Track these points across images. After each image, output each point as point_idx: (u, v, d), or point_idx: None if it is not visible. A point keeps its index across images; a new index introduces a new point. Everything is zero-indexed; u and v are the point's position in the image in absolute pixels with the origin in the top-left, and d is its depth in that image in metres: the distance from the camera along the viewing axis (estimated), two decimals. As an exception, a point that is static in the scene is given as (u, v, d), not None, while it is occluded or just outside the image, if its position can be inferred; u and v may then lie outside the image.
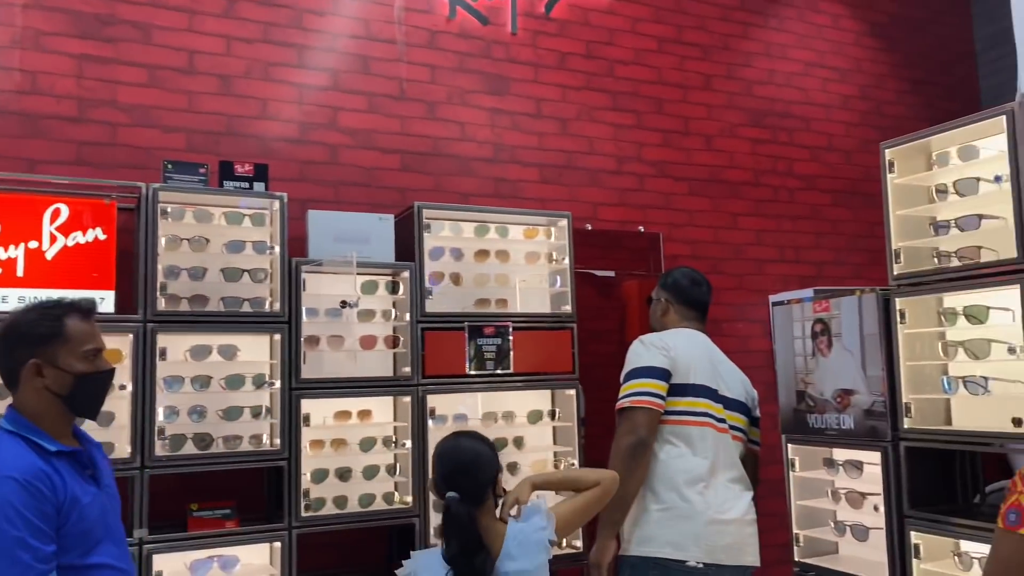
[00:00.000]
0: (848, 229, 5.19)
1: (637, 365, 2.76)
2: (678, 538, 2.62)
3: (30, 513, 1.78)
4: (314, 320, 3.27)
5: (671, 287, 3.07)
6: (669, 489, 2.67)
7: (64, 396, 1.93)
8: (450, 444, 2.18)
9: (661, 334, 2.91)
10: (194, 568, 2.99)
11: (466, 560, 2.01)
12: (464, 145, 4.10)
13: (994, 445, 2.74)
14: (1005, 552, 1.49)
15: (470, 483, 2.08)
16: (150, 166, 3.37)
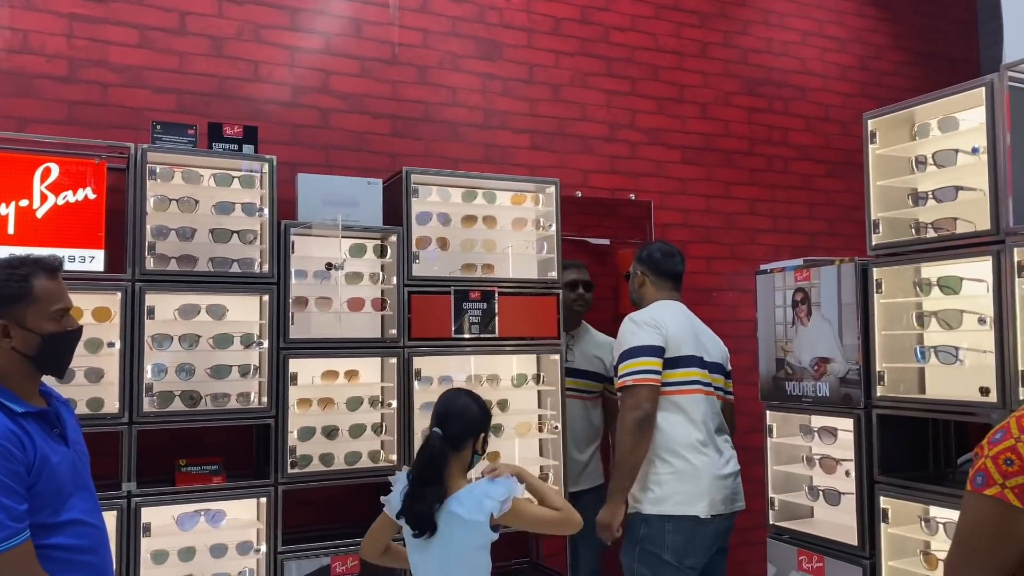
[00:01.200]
0: (842, 200, 5.20)
1: (633, 344, 3.07)
2: (687, 496, 3.00)
3: (2, 473, 1.81)
4: (302, 282, 3.32)
5: (646, 260, 3.39)
6: (674, 454, 3.04)
7: (32, 356, 1.95)
8: (451, 394, 2.50)
9: (649, 311, 3.21)
10: (181, 521, 3.07)
11: (420, 484, 2.32)
12: (455, 110, 4.12)
13: (966, 414, 2.78)
14: (973, 514, 1.53)
15: (454, 428, 2.36)
16: (140, 126, 3.40)
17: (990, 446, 1.50)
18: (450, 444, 2.34)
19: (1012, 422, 1.49)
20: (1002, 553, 1.49)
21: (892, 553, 2.91)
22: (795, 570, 3.24)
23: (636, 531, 3.04)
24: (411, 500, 2.32)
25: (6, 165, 2.96)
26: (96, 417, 2.94)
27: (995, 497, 1.45)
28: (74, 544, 1.96)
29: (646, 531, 3.01)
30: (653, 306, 3.25)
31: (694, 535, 2.99)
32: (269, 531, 3.15)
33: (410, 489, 2.34)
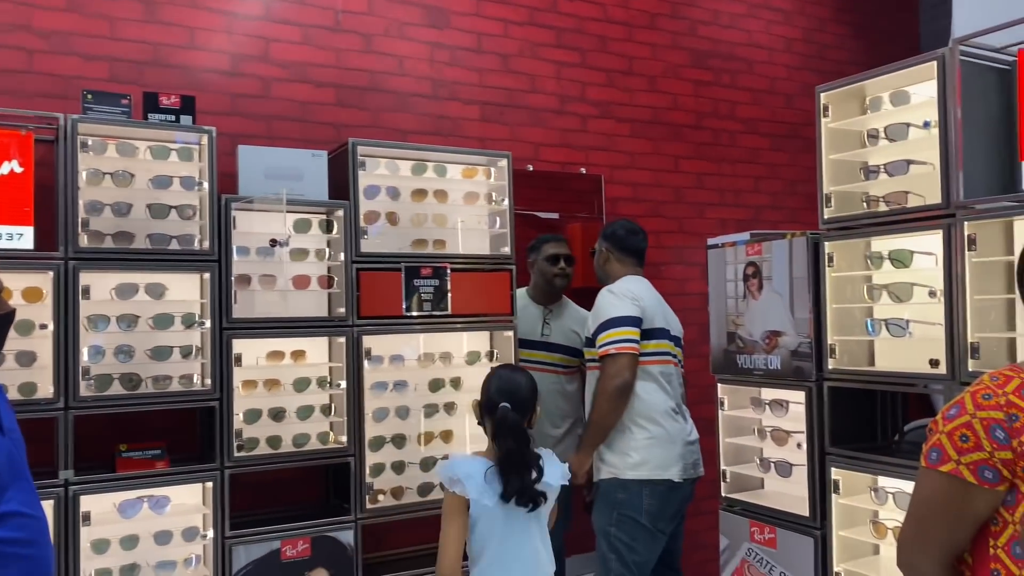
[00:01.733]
0: (786, 173, 5.25)
1: (614, 315, 3.22)
2: (663, 460, 3.18)
3: None
4: (245, 259, 3.20)
5: (611, 237, 3.53)
6: (651, 421, 3.21)
7: None
8: (507, 373, 2.56)
9: (625, 284, 3.35)
10: (123, 508, 2.95)
11: (519, 453, 2.36)
12: (402, 80, 4.00)
13: (915, 386, 2.84)
14: (927, 489, 1.54)
15: (520, 403, 2.44)
16: (70, 96, 3.21)
17: (944, 422, 1.50)
18: (523, 415, 2.44)
19: (967, 398, 1.50)
20: (956, 529, 1.50)
21: (843, 523, 2.96)
22: (747, 541, 3.28)
23: (613, 496, 3.17)
24: (517, 477, 2.33)
25: (-78, 136, 2.77)
26: (30, 403, 2.79)
27: (950, 474, 1.46)
28: (13, 537, 1.85)
29: (624, 496, 3.16)
30: (626, 280, 3.40)
31: (668, 499, 3.18)
32: (216, 516, 3.06)
33: (508, 467, 2.34)
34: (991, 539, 1.48)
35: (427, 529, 3.73)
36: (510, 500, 2.34)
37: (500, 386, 2.46)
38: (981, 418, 1.44)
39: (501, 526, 2.38)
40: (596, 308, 3.34)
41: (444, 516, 2.41)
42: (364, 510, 3.31)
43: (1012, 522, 1.44)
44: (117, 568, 2.94)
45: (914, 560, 1.56)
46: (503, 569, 2.40)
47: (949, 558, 1.53)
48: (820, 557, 2.99)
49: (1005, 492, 1.44)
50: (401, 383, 3.47)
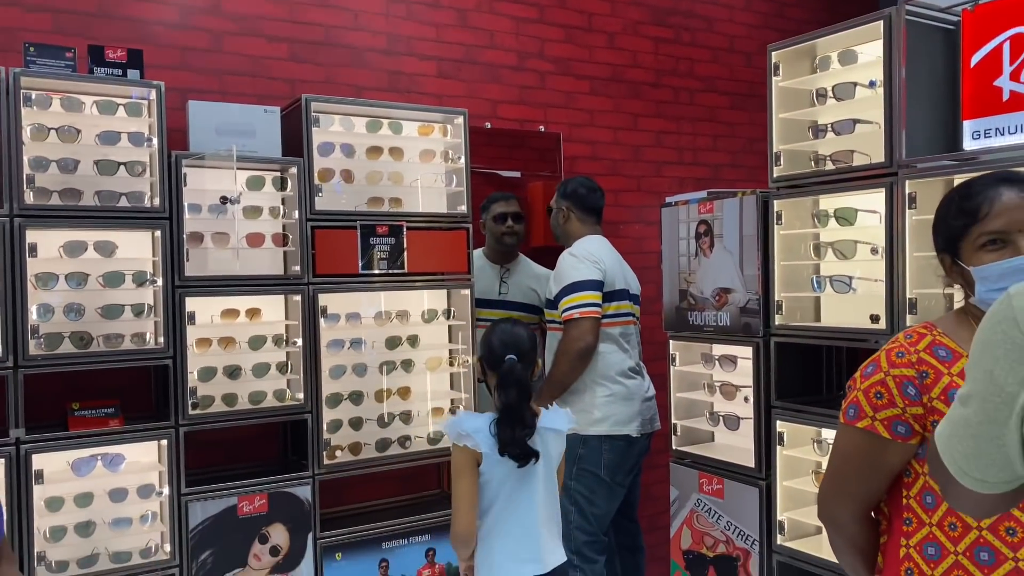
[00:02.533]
0: (745, 132, 5.28)
1: (577, 279, 3.29)
2: (622, 417, 3.33)
3: None
4: (196, 216, 3.17)
5: (571, 195, 3.57)
6: (611, 380, 3.36)
7: None
8: (508, 326, 2.57)
9: (586, 246, 3.41)
10: (76, 466, 2.95)
11: (519, 406, 2.39)
12: (357, 35, 3.95)
13: (862, 341, 2.91)
14: (844, 444, 1.60)
15: (524, 356, 2.47)
16: (11, 48, 3.13)
17: (862, 379, 1.56)
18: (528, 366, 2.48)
19: (882, 356, 1.55)
20: (871, 482, 1.57)
21: (786, 474, 3.06)
22: (696, 492, 3.37)
23: (574, 451, 3.26)
24: (512, 430, 2.35)
25: None
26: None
27: (866, 429, 1.52)
28: None
29: (584, 451, 3.31)
30: (586, 241, 3.46)
31: (626, 453, 3.34)
32: (171, 473, 3.07)
33: (506, 420, 2.37)
34: (904, 490, 1.55)
35: (384, 484, 3.80)
36: (503, 454, 2.36)
37: (503, 339, 2.50)
38: (894, 375, 1.50)
39: (509, 482, 2.41)
40: (558, 270, 3.39)
41: (455, 473, 2.41)
42: (322, 466, 3.35)
43: (922, 473, 1.51)
44: (72, 525, 2.94)
45: (833, 512, 1.63)
46: (507, 528, 2.43)
47: (866, 509, 1.61)
48: (765, 506, 3.08)
49: (917, 445, 1.51)
50: (357, 341, 3.49)
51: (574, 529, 3.31)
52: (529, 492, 2.44)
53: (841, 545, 1.66)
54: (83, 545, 2.96)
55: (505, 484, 2.41)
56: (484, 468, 2.40)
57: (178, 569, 3.07)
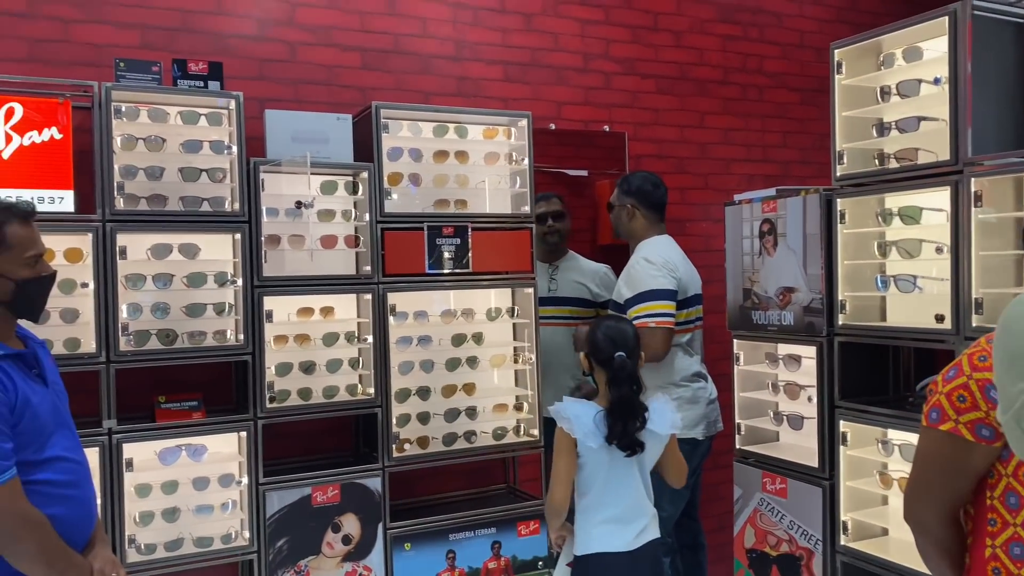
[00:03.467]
0: (816, 128, 5.19)
1: (653, 287, 3.22)
2: (688, 421, 3.25)
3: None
4: (274, 220, 3.33)
5: (636, 192, 3.44)
6: (678, 385, 3.32)
7: (7, 302, 1.99)
8: (614, 323, 2.70)
9: (660, 252, 3.33)
10: (163, 456, 3.15)
11: (631, 400, 2.52)
12: (425, 42, 4.06)
13: (924, 341, 2.87)
14: (928, 447, 1.63)
15: (631, 352, 2.59)
16: (104, 64, 3.34)
17: (944, 383, 1.58)
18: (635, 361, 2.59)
19: (964, 360, 1.57)
20: (956, 484, 1.59)
21: (850, 474, 3.03)
22: (759, 491, 3.37)
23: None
24: (621, 422, 2.49)
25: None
26: (74, 357, 2.98)
27: (950, 432, 1.54)
28: (58, 479, 2.03)
29: None
30: (658, 244, 3.39)
31: (691, 456, 3.26)
32: (250, 464, 3.24)
33: (619, 413, 2.50)
34: (988, 491, 1.57)
35: (451, 477, 3.91)
36: (612, 443, 2.51)
37: (610, 335, 2.60)
38: (977, 379, 1.52)
39: (606, 468, 2.56)
40: (632, 275, 3.32)
41: (555, 452, 2.60)
42: (391, 458, 3.47)
43: (1006, 475, 1.53)
44: (159, 511, 3.14)
45: (919, 514, 1.65)
46: (605, 506, 2.59)
47: (951, 511, 1.62)
48: (828, 506, 3.07)
49: (1000, 448, 1.52)
50: (425, 338, 3.60)
51: None
52: (626, 477, 2.58)
53: (928, 548, 1.67)
54: (169, 529, 3.15)
55: (601, 469, 2.57)
56: (581, 452, 2.56)
57: (256, 555, 3.24)
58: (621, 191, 3.51)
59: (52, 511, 1.98)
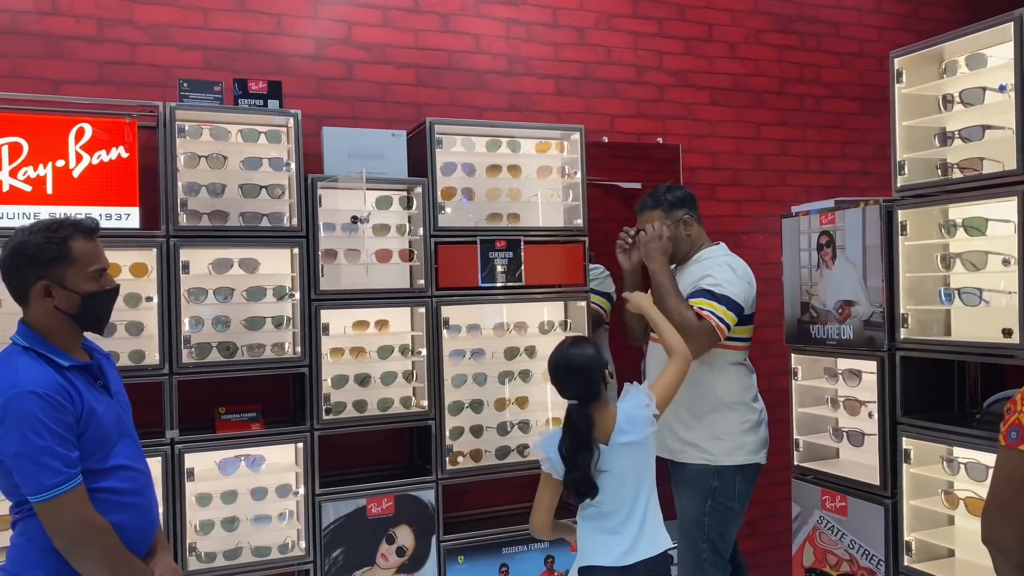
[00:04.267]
0: (876, 138, 5.09)
1: (730, 294, 2.99)
2: (754, 445, 3.12)
3: (54, 424, 1.92)
4: (331, 234, 3.39)
5: (688, 202, 3.23)
6: (743, 406, 3.12)
7: (73, 315, 2.06)
8: (562, 357, 2.50)
9: (739, 263, 3.13)
10: (223, 466, 3.22)
11: (575, 453, 2.42)
12: (479, 58, 4.10)
13: (997, 357, 2.76)
14: (1007, 467, 1.58)
15: (586, 386, 2.46)
16: (168, 84, 3.46)
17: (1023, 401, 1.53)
18: (590, 400, 2.46)
19: None
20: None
21: (914, 492, 2.94)
22: (818, 509, 3.29)
23: (706, 484, 3.07)
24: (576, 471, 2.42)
25: (43, 127, 3.05)
26: (138, 369, 3.07)
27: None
28: (121, 487, 2.09)
29: (718, 483, 3.07)
30: (733, 256, 3.18)
31: (753, 482, 3.17)
32: (307, 474, 3.29)
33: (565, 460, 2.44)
34: None
35: (505, 490, 3.90)
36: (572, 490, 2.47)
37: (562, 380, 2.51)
38: None
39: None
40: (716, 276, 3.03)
41: (541, 481, 2.54)
42: (444, 471, 3.49)
43: None
44: (219, 520, 3.21)
45: (998, 535, 1.60)
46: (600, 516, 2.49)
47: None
48: (891, 525, 2.98)
49: None
50: (478, 351, 3.62)
51: (708, 567, 3.11)
52: (619, 486, 2.46)
53: (1006, 570, 1.62)
54: (228, 538, 3.22)
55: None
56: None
57: (312, 565, 3.29)
58: (670, 207, 3.17)
59: (115, 518, 2.04)
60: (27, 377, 1.95)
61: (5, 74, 3.32)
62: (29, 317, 2.07)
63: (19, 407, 1.91)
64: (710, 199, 4.63)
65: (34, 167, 3.03)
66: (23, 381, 1.94)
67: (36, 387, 1.93)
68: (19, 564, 2.00)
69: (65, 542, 1.94)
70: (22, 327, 2.07)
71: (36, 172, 3.04)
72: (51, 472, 1.91)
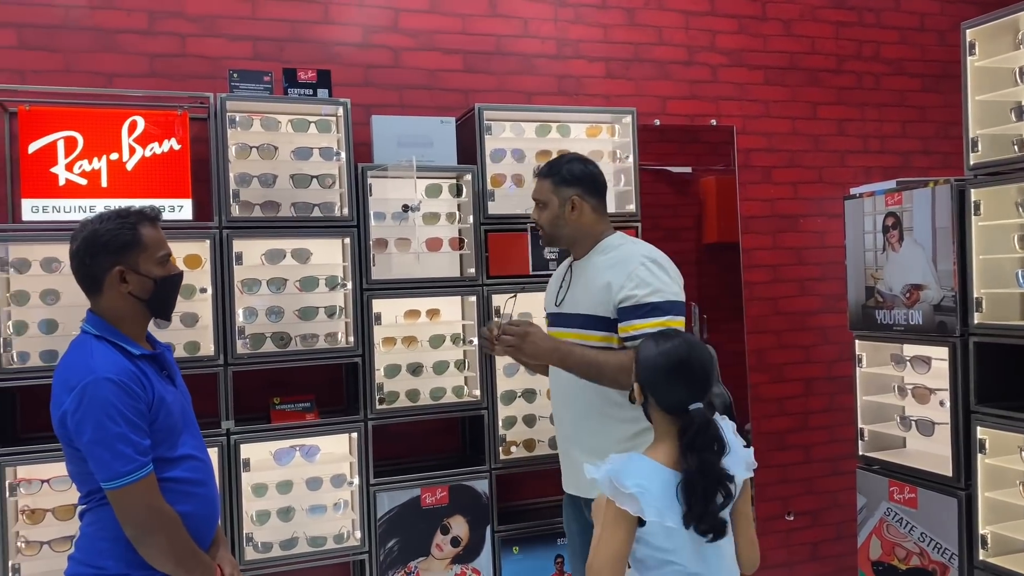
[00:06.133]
0: (938, 116, 4.91)
1: (671, 298, 2.40)
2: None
3: (128, 411, 1.93)
4: (381, 223, 3.37)
5: (582, 178, 2.56)
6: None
7: (146, 300, 2.07)
8: (684, 349, 1.92)
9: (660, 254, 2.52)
10: (278, 456, 3.22)
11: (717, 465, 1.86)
12: (527, 42, 4.03)
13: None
14: None
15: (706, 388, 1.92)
16: (217, 76, 3.45)
17: None
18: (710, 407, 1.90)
19: None
20: None
21: (989, 484, 2.82)
22: (886, 500, 3.18)
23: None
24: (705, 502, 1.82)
25: (96, 120, 3.07)
26: (194, 360, 3.08)
27: None
28: (188, 477, 2.09)
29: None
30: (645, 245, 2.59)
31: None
32: (361, 464, 3.27)
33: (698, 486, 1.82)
34: None
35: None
36: (690, 526, 1.83)
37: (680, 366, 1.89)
38: None
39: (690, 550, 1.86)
40: (640, 278, 2.41)
41: (605, 524, 1.85)
42: (498, 461, 3.45)
43: None
44: (275, 510, 3.21)
45: None
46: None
47: None
48: (965, 518, 2.86)
49: None
50: (531, 340, 3.56)
51: None
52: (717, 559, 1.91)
53: None
54: (284, 528, 3.22)
55: (684, 552, 1.86)
56: (649, 532, 1.84)
57: (367, 555, 3.28)
58: (557, 182, 2.57)
59: (182, 508, 2.04)
60: (102, 364, 1.95)
61: (59, 69, 3.35)
62: (101, 306, 2.07)
63: (95, 393, 1.91)
64: (765, 182, 4.51)
65: (89, 160, 3.06)
66: (98, 368, 1.94)
67: (111, 374, 1.94)
68: (89, 553, 2.01)
69: (134, 530, 1.95)
70: (92, 317, 2.07)
71: (91, 165, 3.06)
72: (125, 459, 1.91)
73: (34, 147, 3.00)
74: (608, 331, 2.48)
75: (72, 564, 2.05)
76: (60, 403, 1.95)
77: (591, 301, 2.52)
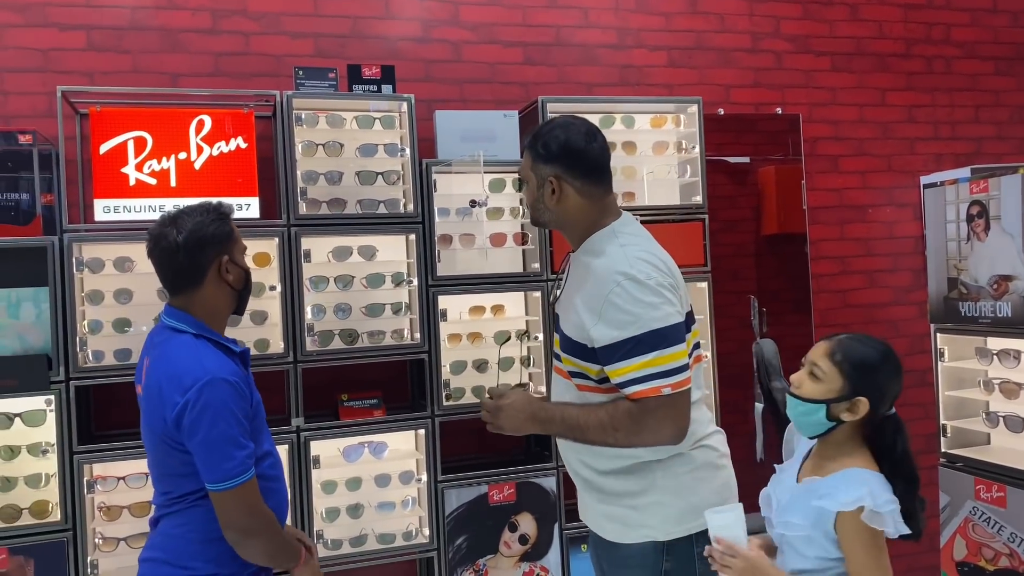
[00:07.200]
0: (1013, 99, 4.73)
1: (658, 326, 1.91)
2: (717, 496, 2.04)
3: (240, 413, 1.93)
4: (446, 219, 3.34)
5: (564, 160, 2.01)
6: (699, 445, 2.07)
7: (240, 290, 2.09)
8: (883, 343, 1.86)
9: (646, 247, 2.03)
10: (347, 453, 3.22)
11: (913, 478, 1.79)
12: (587, 32, 3.97)
13: None
14: None
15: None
16: (281, 74, 3.46)
17: None
18: None
19: None
20: None
21: (1086, 483, 2.70)
22: (971, 499, 3.07)
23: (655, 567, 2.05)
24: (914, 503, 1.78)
25: (165, 120, 3.09)
26: (263, 357, 3.09)
27: None
28: (269, 474, 2.09)
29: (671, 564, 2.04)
30: (639, 239, 2.06)
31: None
32: (428, 461, 3.26)
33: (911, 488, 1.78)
34: None
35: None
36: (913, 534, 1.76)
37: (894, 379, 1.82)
38: None
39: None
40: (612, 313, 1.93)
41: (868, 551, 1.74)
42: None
43: None
44: (344, 507, 3.21)
45: None
46: None
47: None
48: (1059, 519, 2.75)
49: None
50: (597, 336, 3.51)
51: None
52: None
53: None
54: (353, 525, 3.22)
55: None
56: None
57: (436, 553, 3.26)
58: (536, 159, 2.06)
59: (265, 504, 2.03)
60: (215, 364, 1.94)
61: (127, 70, 3.38)
62: (195, 301, 2.03)
63: (213, 394, 1.89)
64: (833, 171, 4.40)
65: (158, 160, 3.08)
66: (213, 368, 1.92)
67: (226, 374, 1.93)
68: (178, 555, 1.97)
69: (236, 532, 1.93)
70: (181, 314, 2.03)
71: (160, 165, 3.08)
72: (235, 461, 1.90)
73: (105, 148, 3.04)
74: (585, 360, 2.04)
75: (154, 565, 2.00)
76: (172, 402, 1.90)
77: (571, 322, 2.06)
